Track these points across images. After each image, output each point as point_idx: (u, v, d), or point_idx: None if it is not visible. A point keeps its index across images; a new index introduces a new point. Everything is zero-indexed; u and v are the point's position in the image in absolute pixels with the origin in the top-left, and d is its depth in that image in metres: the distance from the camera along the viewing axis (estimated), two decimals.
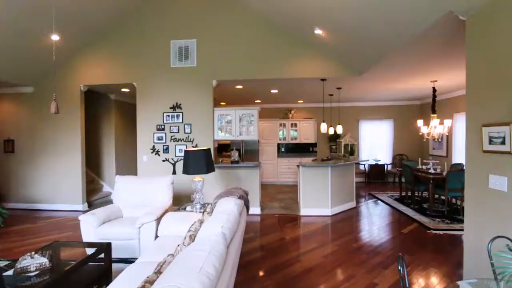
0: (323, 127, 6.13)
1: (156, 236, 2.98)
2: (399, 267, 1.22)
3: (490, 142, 2.24)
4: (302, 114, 9.35)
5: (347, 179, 5.72)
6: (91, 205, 6.00)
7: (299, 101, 8.86)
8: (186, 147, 5.33)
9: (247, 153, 8.07)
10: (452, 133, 7.33)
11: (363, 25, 3.59)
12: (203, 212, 2.68)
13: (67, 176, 5.67)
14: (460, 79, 5.72)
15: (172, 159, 5.39)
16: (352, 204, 5.86)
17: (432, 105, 6.02)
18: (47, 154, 5.73)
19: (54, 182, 5.72)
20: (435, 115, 5.99)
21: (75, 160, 5.64)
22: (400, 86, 6.48)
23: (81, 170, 5.65)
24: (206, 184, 5.16)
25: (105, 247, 2.49)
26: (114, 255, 2.92)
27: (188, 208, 3.46)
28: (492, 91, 2.23)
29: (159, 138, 5.39)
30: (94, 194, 6.47)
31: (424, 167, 6.16)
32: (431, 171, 5.73)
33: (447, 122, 5.92)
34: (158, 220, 3.12)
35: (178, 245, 1.78)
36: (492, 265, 1.56)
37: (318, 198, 5.26)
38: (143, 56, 5.37)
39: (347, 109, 9.12)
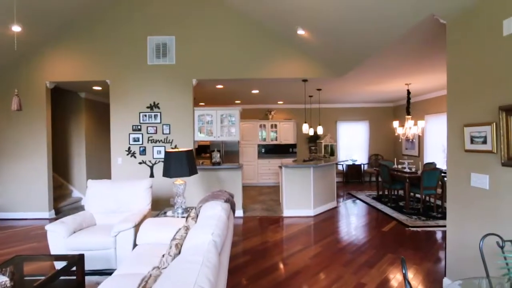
0: (305, 127, 6.16)
1: (135, 245, 2.76)
2: (404, 271, 1.18)
3: (472, 141, 2.31)
4: (282, 115, 9.38)
5: (328, 180, 5.78)
6: (60, 212, 5.54)
7: (279, 102, 8.86)
8: (165, 149, 5.09)
9: (227, 155, 7.93)
10: (423, 133, 7.68)
11: (346, 26, 3.62)
12: (187, 217, 2.53)
13: (32, 181, 5.19)
14: (432, 82, 6.01)
15: (150, 161, 5.12)
16: (333, 204, 5.93)
17: (407, 107, 6.26)
18: (9, 157, 5.21)
19: (16, 187, 5.20)
20: (409, 116, 6.24)
21: (40, 163, 5.18)
22: (377, 89, 6.68)
23: (47, 174, 5.19)
24: (187, 187, 4.96)
25: (78, 259, 2.25)
26: (88, 267, 2.68)
27: (169, 213, 3.27)
28: (473, 92, 2.30)
29: (135, 139, 5.10)
30: (62, 200, 5.99)
31: (399, 166, 6.39)
32: (407, 170, 5.95)
33: (421, 123, 6.19)
34: (137, 227, 2.90)
35: (163, 256, 1.63)
36: (485, 263, 1.58)
37: (300, 199, 5.25)
38: (117, 52, 5.06)
39: (325, 110, 9.28)
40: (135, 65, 5.07)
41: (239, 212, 5.18)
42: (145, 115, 5.11)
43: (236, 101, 8.42)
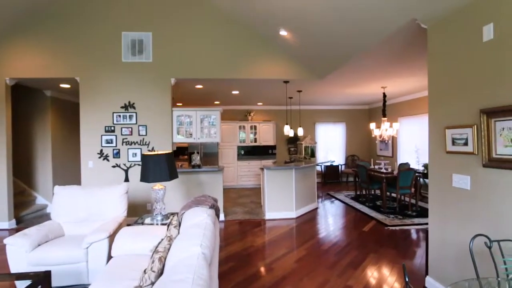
0: (287, 129, 6.14)
1: (109, 257, 2.54)
2: (406, 278, 1.14)
3: (453, 143, 2.37)
4: (261, 116, 9.33)
5: (309, 181, 5.80)
6: (21, 222, 5.05)
7: (259, 103, 8.81)
8: (141, 151, 4.82)
9: (206, 157, 7.72)
10: (397, 135, 8.00)
11: (329, 28, 3.63)
12: (168, 225, 2.36)
13: None
14: (406, 85, 6.26)
15: (125, 164, 4.82)
16: (315, 205, 5.96)
17: (383, 110, 6.46)
18: None
19: None
20: (385, 118, 6.44)
21: None
22: (354, 91, 6.84)
23: (6, 180, 4.70)
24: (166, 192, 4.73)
25: (43, 277, 2.00)
26: (55, 283, 2.41)
27: (148, 220, 3.06)
28: (454, 95, 2.37)
29: (108, 141, 4.77)
30: (24, 208, 5.47)
31: (376, 167, 6.58)
32: (383, 170, 6.14)
33: (396, 125, 6.42)
34: (111, 237, 2.67)
35: (145, 271, 1.47)
36: (475, 264, 1.59)
37: (282, 201, 5.20)
38: (88, 47, 4.71)
39: (304, 111, 9.37)
40: (108, 62, 4.75)
41: (220, 216, 5.02)
42: (119, 116, 4.80)
43: (215, 102, 8.24)
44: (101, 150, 4.77)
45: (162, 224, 2.90)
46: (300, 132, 6.55)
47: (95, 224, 3.03)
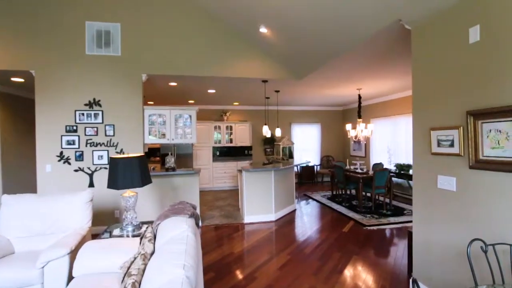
0: (265, 129, 6.00)
1: (70, 278, 2.19)
2: None
3: (439, 145, 2.36)
4: (238, 116, 9.13)
5: (288, 182, 5.71)
6: None
7: (235, 103, 8.60)
8: (108, 153, 4.39)
9: (180, 158, 7.33)
10: (371, 136, 8.23)
11: (310, 27, 3.53)
12: (141, 239, 2.08)
13: None
14: (381, 87, 6.42)
15: (89, 168, 4.36)
16: (293, 207, 5.89)
17: (358, 111, 6.57)
18: None
19: None
20: (360, 120, 6.56)
21: None
22: (331, 92, 6.89)
23: None
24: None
25: None
26: None
27: (116, 231, 2.73)
28: (439, 97, 2.36)
29: (70, 142, 4.29)
30: None
31: (352, 167, 6.68)
32: (359, 171, 6.24)
33: (370, 126, 6.57)
34: (73, 253, 2.32)
35: None
36: (472, 270, 1.54)
37: (262, 204, 5.05)
38: (46, 36, 4.19)
39: (280, 112, 9.33)
40: (70, 54, 4.27)
41: None
42: (83, 114, 4.33)
43: (190, 101, 7.88)
44: (61, 153, 4.27)
45: (134, 236, 2.60)
46: (278, 132, 6.45)
47: (53, 238, 2.64)
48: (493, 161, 1.93)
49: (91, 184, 4.36)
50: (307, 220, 5.13)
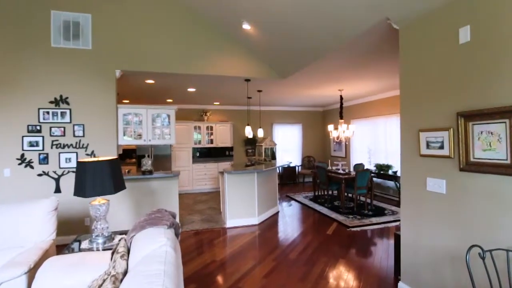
0: (248, 130, 5.83)
1: None
2: None
3: (428, 146, 2.32)
4: (218, 116, 8.89)
5: (271, 184, 5.58)
6: None
7: (215, 103, 8.36)
8: (77, 156, 4.02)
9: (158, 160, 6.97)
10: (353, 136, 8.33)
11: (295, 25, 3.42)
12: (113, 254, 1.84)
13: None
14: (361, 89, 6.48)
15: (55, 172, 3.97)
16: (276, 209, 5.77)
17: (340, 112, 6.59)
18: None
19: None
20: (342, 120, 6.58)
21: None
22: (313, 93, 6.86)
23: None
24: (111, 201, 4.04)
25: None
26: None
27: (85, 244, 2.44)
28: (428, 98, 2.32)
29: (33, 144, 3.88)
30: None
31: (334, 168, 6.68)
32: (341, 171, 6.25)
33: (352, 127, 6.61)
34: (32, 271, 2.02)
35: None
36: (472, 278, 1.48)
37: (244, 207, 4.88)
38: (5, 25, 3.75)
39: (262, 112, 9.21)
40: (33, 46, 3.86)
41: None
42: (48, 113, 3.94)
43: (168, 100, 7.55)
44: (23, 155, 3.85)
45: (105, 249, 2.33)
46: (260, 133, 6.31)
47: (9, 255, 2.31)
48: (485, 163, 1.90)
49: (58, 190, 3.97)
50: (291, 223, 5.03)
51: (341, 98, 6.61)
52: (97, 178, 2.26)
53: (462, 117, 2.03)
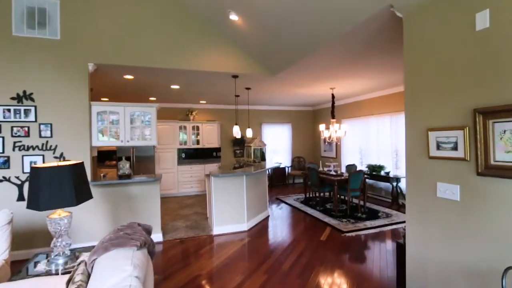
0: (236, 130, 5.49)
1: None
2: None
3: (438, 147, 2.07)
4: (205, 116, 8.51)
5: (261, 187, 5.27)
6: None
7: (202, 102, 7.97)
8: (44, 158, 3.58)
9: (140, 162, 6.53)
10: (345, 136, 8.14)
11: (290, 13, 3.13)
12: (69, 282, 1.49)
13: None
14: (353, 88, 6.28)
15: (18, 177, 3.51)
16: (266, 213, 5.46)
17: (332, 111, 6.37)
18: None
19: None
20: (334, 120, 6.36)
21: None
22: (303, 91, 6.61)
23: None
24: (81, 210, 3.63)
25: None
26: None
27: (42, 265, 2.05)
28: (439, 93, 2.07)
29: None
30: None
31: (326, 169, 6.45)
32: (333, 173, 6.03)
33: (344, 127, 6.40)
34: None
35: None
36: None
37: (232, 212, 4.55)
38: None
39: (251, 112, 8.91)
40: None
41: (158, 237, 4.10)
42: (9, 110, 3.48)
43: (151, 98, 7.10)
44: None
45: (66, 272, 1.95)
46: (249, 133, 5.99)
47: None
48: (509, 167, 1.66)
49: (21, 198, 3.52)
50: (282, 229, 4.74)
51: (333, 96, 6.39)
52: (55, 187, 1.88)
53: (480, 114, 1.78)
